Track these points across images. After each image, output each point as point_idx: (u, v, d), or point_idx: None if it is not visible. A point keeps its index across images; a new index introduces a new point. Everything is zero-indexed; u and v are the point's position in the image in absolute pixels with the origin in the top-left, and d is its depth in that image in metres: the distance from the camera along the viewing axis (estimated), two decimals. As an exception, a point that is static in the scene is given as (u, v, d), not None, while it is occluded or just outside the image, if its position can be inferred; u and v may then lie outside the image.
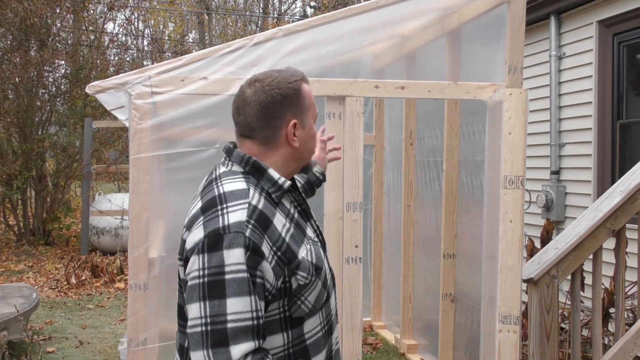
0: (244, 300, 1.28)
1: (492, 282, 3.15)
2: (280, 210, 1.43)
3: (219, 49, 2.95)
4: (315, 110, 1.55)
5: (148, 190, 2.84)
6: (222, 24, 25.54)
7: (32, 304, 4.82)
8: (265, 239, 1.33)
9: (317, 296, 1.46)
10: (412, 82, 3.15)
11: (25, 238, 9.93)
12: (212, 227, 1.33)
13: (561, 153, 5.55)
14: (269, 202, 1.41)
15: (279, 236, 1.37)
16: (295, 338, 1.43)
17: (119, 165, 10.76)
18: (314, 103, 1.54)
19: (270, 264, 1.33)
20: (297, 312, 1.42)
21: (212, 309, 1.28)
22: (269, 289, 1.34)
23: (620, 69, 5.05)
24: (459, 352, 4.21)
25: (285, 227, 1.41)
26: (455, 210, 4.18)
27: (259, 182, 1.44)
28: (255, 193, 1.40)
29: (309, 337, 1.46)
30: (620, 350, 3.10)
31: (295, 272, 1.39)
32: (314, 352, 1.47)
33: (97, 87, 2.87)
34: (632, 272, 3.99)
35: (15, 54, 9.88)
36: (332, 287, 1.59)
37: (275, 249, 1.35)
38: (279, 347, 1.41)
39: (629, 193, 3.10)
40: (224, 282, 1.28)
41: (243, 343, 1.27)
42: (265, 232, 1.34)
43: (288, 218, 1.44)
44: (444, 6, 3.44)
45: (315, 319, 1.47)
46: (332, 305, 1.57)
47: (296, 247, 1.41)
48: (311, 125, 1.53)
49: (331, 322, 1.56)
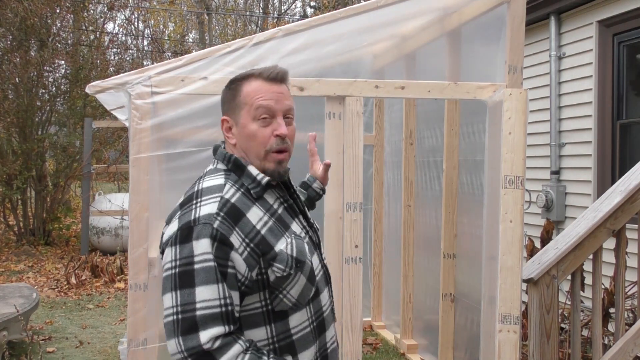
0: (212, 288, 1.33)
1: (492, 282, 3.15)
2: (259, 204, 1.47)
3: (219, 49, 2.95)
4: (251, 107, 1.49)
5: (148, 190, 2.84)
6: (222, 24, 25.54)
7: (32, 304, 4.82)
8: (235, 231, 1.38)
9: (302, 291, 1.47)
10: (412, 82, 3.15)
11: (25, 238, 9.93)
12: (185, 220, 1.39)
13: (561, 153, 5.55)
14: (247, 197, 1.46)
15: (252, 228, 1.41)
16: (280, 332, 1.45)
17: (119, 165, 10.76)
18: (252, 101, 1.49)
19: (241, 255, 1.37)
20: (279, 306, 1.44)
21: (182, 298, 1.34)
22: (241, 279, 1.38)
23: (620, 69, 5.05)
24: (459, 352, 4.21)
25: (262, 220, 1.44)
26: (455, 210, 4.18)
27: (239, 179, 1.49)
28: (231, 188, 1.45)
29: (295, 332, 1.47)
30: (620, 350, 3.10)
31: (272, 264, 1.41)
32: (301, 347, 1.47)
33: (97, 87, 2.87)
34: (632, 272, 3.99)
35: (15, 54, 9.88)
36: (325, 284, 1.59)
37: (248, 241, 1.39)
38: (262, 340, 1.43)
39: (629, 193, 3.10)
40: (193, 271, 1.34)
41: (212, 328, 1.32)
42: (236, 224, 1.39)
43: (268, 212, 1.47)
44: (444, 6, 3.44)
45: (302, 314, 1.48)
46: (324, 302, 1.57)
47: (273, 240, 1.43)
48: (245, 124, 1.50)
49: (322, 319, 1.55)
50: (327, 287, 1.60)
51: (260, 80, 1.51)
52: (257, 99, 1.49)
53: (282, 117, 1.51)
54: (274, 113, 1.50)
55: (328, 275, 1.64)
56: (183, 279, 1.35)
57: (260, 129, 1.49)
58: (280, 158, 1.51)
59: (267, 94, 1.50)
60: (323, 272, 1.59)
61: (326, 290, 1.59)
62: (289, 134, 1.52)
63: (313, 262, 1.52)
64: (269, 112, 1.49)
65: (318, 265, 1.56)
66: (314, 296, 1.52)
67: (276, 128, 1.49)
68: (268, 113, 1.49)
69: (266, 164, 1.50)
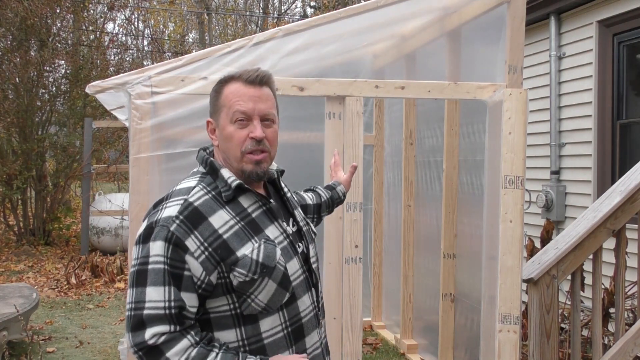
0: (159, 290, 1.37)
1: (492, 282, 3.15)
2: (230, 208, 1.48)
3: (219, 49, 2.95)
4: (229, 109, 1.51)
5: (148, 190, 2.84)
6: (222, 24, 25.54)
7: (32, 304, 4.82)
8: (193, 235, 1.40)
9: (272, 296, 1.47)
10: (412, 82, 3.15)
11: (25, 238, 9.93)
12: (150, 221, 1.44)
13: (561, 153, 5.55)
14: (216, 200, 1.47)
15: (212, 232, 1.42)
16: (250, 336, 1.46)
17: (119, 165, 10.76)
18: (230, 104, 1.51)
19: (197, 259, 1.39)
20: (247, 310, 1.46)
21: (136, 296, 1.40)
22: (197, 282, 1.40)
23: (620, 69, 5.05)
24: (459, 352, 4.21)
25: (227, 224, 1.45)
26: (455, 210, 4.18)
27: (214, 182, 1.52)
28: (200, 191, 1.47)
29: (266, 336, 1.48)
30: (620, 350, 3.10)
31: (233, 269, 1.42)
32: (273, 352, 1.48)
33: (97, 87, 2.87)
34: (632, 272, 3.99)
35: (15, 54, 9.88)
36: (306, 289, 1.57)
37: (207, 245, 1.41)
38: (233, 342, 1.46)
39: (629, 193, 3.10)
40: (146, 271, 1.39)
41: (157, 326, 1.36)
42: (195, 227, 1.41)
43: (238, 216, 1.48)
44: (444, 6, 3.44)
45: (274, 319, 1.49)
46: (303, 307, 1.55)
47: (237, 245, 1.44)
48: (224, 126, 1.52)
49: (300, 325, 1.54)
50: (310, 293, 1.58)
51: (240, 82, 1.52)
52: (234, 102, 1.51)
53: (258, 121, 1.51)
54: (250, 116, 1.51)
55: (314, 280, 1.62)
56: (138, 277, 1.40)
57: (237, 130, 1.50)
58: (257, 159, 1.51)
59: (244, 97, 1.50)
60: (305, 277, 1.57)
61: (307, 295, 1.57)
62: (267, 136, 1.52)
63: (288, 267, 1.50)
64: (245, 115, 1.50)
65: (297, 270, 1.54)
66: (289, 301, 1.51)
67: (252, 130, 1.50)
68: (244, 116, 1.50)
69: (243, 165, 1.51)
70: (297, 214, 1.67)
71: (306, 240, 1.64)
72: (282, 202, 1.64)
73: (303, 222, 1.68)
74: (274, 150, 1.57)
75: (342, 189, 2.23)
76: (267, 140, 1.52)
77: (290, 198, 1.69)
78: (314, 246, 1.69)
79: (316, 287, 1.63)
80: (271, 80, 1.57)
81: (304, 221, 1.70)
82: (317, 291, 1.63)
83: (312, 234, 1.73)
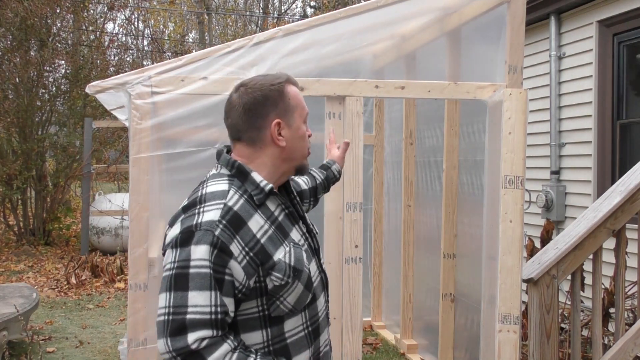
0: (205, 295, 1.36)
1: (492, 282, 3.15)
2: (261, 212, 1.49)
3: (219, 49, 2.95)
4: (303, 111, 1.59)
5: (148, 190, 2.84)
6: (222, 24, 25.54)
7: (32, 304, 4.82)
8: (236, 239, 1.40)
9: (298, 298, 1.50)
10: (412, 82, 3.15)
11: (25, 238, 9.92)
12: (187, 225, 1.41)
13: (561, 153, 5.55)
14: (250, 204, 1.48)
15: (252, 237, 1.43)
16: (275, 336, 1.48)
17: (119, 165, 10.76)
18: (301, 104, 1.59)
19: (240, 263, 1.39)
20: (276, 312, 1.47)
21: (175, 300, 1.37)
22: (239, 287, 1.40)
23: (620, 69, 5.05)
24: (459, 352, 4.21)
25: (263, 229, 1.46)
26: (455, 210, 4.18)
27: (242, 185, 1.51)
28: (235, 195, 1.47)
29: (289, 336, 1.50)
30: (620, 350, 3.10)
31: (270, 273, 1.44)
32: (295, 351, 1.51)
33: (97, 87, 2.87)
34: (632, 272, 3.99)
35: (15, 54, 9.88)
36: (322, 289, 1.62)
37: (248, 250, 1.41)
38: (258, 343, 1.47)
39: (629, 193, 3.10)
40: (188, 275, 1.37)
41: (200, 331, 1.35)
42: (237, 232, 1.41)
43: (269, 220, 1.49)
44: (444, 6, 3.44)
45: (297, 319, 1.52)
46: (320, 307, 1.60)
47: (272, 249, 1.45)
48: (299, 126, 1.58)
49: (318, 324, 1.58)
50: (324, 293, 1.63)
51: (293, 85, 1.60)
52: (302, 103, 1.60)
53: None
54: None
55: (325, 280, 1.66)
56: (178, 281, 1.38)
57: (306, 130, 1.62)
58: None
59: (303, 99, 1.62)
60: (320, 278, 1.61)
61: (322, 295, 1.61)
62: None
63: (311, 269, 1.54)
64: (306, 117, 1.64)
65: (316, 271, 1.58)
66: (310, 302, 1.54)
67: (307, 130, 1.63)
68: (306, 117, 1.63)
69: (305, 161, 1.63)
70: (306, 216, 1.71)
71: (317, 240, 1.68)
72: (293, 205, 1.66)
73: (311, 224, 1.71)
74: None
75: (337, 167, 2.26)
76: None
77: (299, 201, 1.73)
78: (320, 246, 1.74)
79: (327, 287, 1.68)
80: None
81: (311, 222, 1.73)
82: (327, 291, 1.68)
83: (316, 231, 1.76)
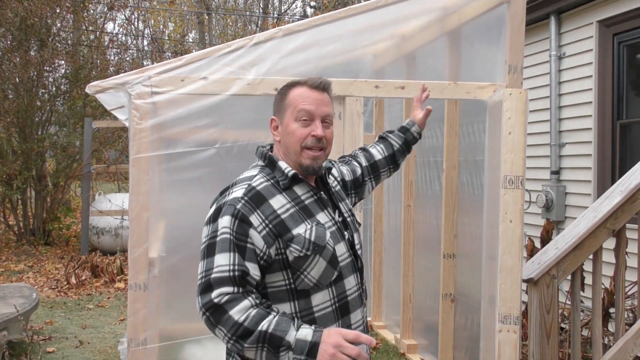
0: (225, 256, 1.59)
1: (492, 282, 3.15)
2: (286, 194, 1.70)
3: (219, 49, 2.95)
4: (295, 109, 1.74)
5: (148, 190, 2.84)
6: (222, 24, 25.53)
7: (32, 304, 4.82)
8: (256, 212, 1.63)
9: (322, 273, 1.66)
10: (412, 82, 3.15)
11: (25, 238, 9.92)
12: (218, 204, 1.69)
13: (561, 153, 5.55)
14: (275, 187, 1.71)
15: (272, 212, 1.65)
16: (302, 309, 1.65)
17: (119, 165, 10.76)
18: (295, 103, 1.74)
19: (260, 233, 1.61)
20: (301, 285, 1.65)
21: (206, 265, 1.62)
22: (260, 254, 1.61)
23: (620, 69, 5.05)
24: (459, 352, 4.21)
25: (284, 207, 1.67)
26: (455, 210, 4.17)
27: (272, 172, 1.74)
28: (261, 178, 1.71)
29: (317, 310, 1.66)
30: (620, 350, 3.10)
31: (289, 245, 1.63)
32: (322, 324, 1.65)
33: (97, 87, 2.87)
34: (632, 272, 3.99)
35: (15, 54, 9.88)
36: (353, 271, 1.75)
37: (268, 222, 1.63)
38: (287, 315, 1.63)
39: (629, 193, 3.10)
40: (215, 244, 1.62)
41: (222, 287, 1.56)
42: (258, 207, 1.64)
43: (294, 202, 1.70)
44: (444, 6, 3.44)
45: (324, 295, 1.67)
46: (349, 286, 1.73)
47: (292, 224, 1.65)
48: (288, 123, 1.75)
49: (346, 302, 1.71)
50: (355, 275, 1.76)
51: (305, 87, 1.76)
52: (300, 102, 1.73)
53: (319, 121, 1.74)
54: (313, 116, 1.73)
55: (359, 264, 1.79)
56: (208, 250, 1.62)
57: (299, 128, 1.73)
58: (315, 155, 1.73)
59: (308, 99, 1.74)
60: (351, 260, 1.75)
61: (353, 276, 1.74)
62: (326, 136, 1.75)
63: (337, 249, 1.70)
64: (308, 115, 1.73)
65: (344, 253, 1.73)
66: (337, 279, 1.69)
67: (313, 129, 1.72)
68: (308, 116, 1.73)
69: (302, 159, 1.73)
70: (343, 206, 1.85)
71: (351, 230, 1.81)
72: (329, 195, 1.82)
73: (348, 214, 1.85)
74: (329, 149, 1.79)
75: (417, 129, 2.36)
76: (325, 139, 1.74)
77: (337, 192, 1.88)
78: (358, 235, 1.87)
79: (361, 271, 1.81)
80: (331, 87, 1.82)
81: (349, 212, 1.87)
82: (361, 275, 1.81)
83: (356, 224, 1.89)
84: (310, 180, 1.79)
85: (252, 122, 3.55)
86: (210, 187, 2.27)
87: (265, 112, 3.57)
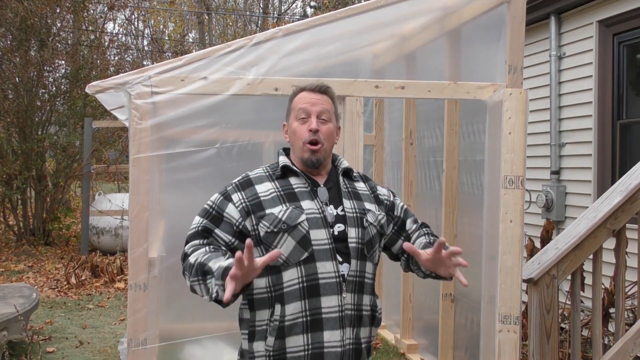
0: (197, 219, 1.89)
1: (492, 282, 3.15)
2: (276, 182, 1.90)
3: (219, 49, 2.95)
4: (295, 111, 1.93)
5: (148, 190, 2.84)
6: (222, 24, 25.54)
7: (32, 304, 4.82)
8: (239, 192, 1.88)
9: (291, 252, 1.79)
10: (412, 82, 3.15)
11: (25, 238, 9.92)
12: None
13: (561, 153, 5.55)
14: (269, 176, 1.92)
15: (254, 194, 1.87)
16: (275, 284, 1.81)
17: (119, 165, 10.75)
18: (296, 106, 1.93)
19: (237, 207, 1.86)
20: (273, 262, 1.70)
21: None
22: (236, 223, 1.85)
23: (620, 69, 5.05)
24: (459, 352, 4.21)
25: (268, 191, 1.87)
26: (455, 210, 4.17)
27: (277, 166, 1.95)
28: (260, 170, 1.96)
29: (286, 286, 1.80)
30: (620, 350, 3.10)
31: (260, 221, 1.82)
32: (288, 300, 1.79)
33: (97, 87, 2.87)
34: (632, 272, 3.99)
35: (15, 54, 9.88)
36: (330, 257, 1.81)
37: (246, 200, 1.86)
38: (262, 288, 1.82)
39: (629, 193, 3.10)
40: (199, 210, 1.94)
41: (192, 240, 1.85)
42: (243, 189, 1.89)
43: (281, 188, 1.88)
44: (444, 6, 3.43)
45: (292, 272, 1.79)
46: (322, 270, 1.80)
47: (269, 205, 1.84)
48: (291, 123, 1.95)
49: (317, 285, 1.79)
50: (334, 262, 1.81)
51: (305, 91, 1.95)
52: (298, 103, 1.93)
53: (315, 117, 1.89)
54: (309, 113, 1.90)
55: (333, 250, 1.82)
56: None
57: (299, 126, 1.91)
58: (313, 148, 1.88)
59: (305, 99, 1.92)
60: (330, 248, 1.82)
61: (331, 263, 1.81)
62: (321, 130, 1.88)
63: (312, 233, 1.81)
64: (305, 113, 1.91)
65: (322, 239, 1.82)
66: (307, 260, 1.80)
67: (309, 125, 1.88)
68: (305, 113, 1.91)
69: (303, 153, 1.90)
70: (348, 204, 1.91)
71: (348, 225, 1.87)
72: (338, 192, 1.92)
73: (352, 211, 1.90)
74: (328, 145, 1.91)
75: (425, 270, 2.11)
76: (321, 133, 1.88)
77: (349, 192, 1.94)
78: (363, 231, 1.89)
79: (348, 262, 1.84)
80: (330, 90, 1.97)
81: (354, 210, 1.91)
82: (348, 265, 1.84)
83: (364, 223, 1.90)
84: (316, 176, 1.92)
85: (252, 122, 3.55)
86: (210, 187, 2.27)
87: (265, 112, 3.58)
